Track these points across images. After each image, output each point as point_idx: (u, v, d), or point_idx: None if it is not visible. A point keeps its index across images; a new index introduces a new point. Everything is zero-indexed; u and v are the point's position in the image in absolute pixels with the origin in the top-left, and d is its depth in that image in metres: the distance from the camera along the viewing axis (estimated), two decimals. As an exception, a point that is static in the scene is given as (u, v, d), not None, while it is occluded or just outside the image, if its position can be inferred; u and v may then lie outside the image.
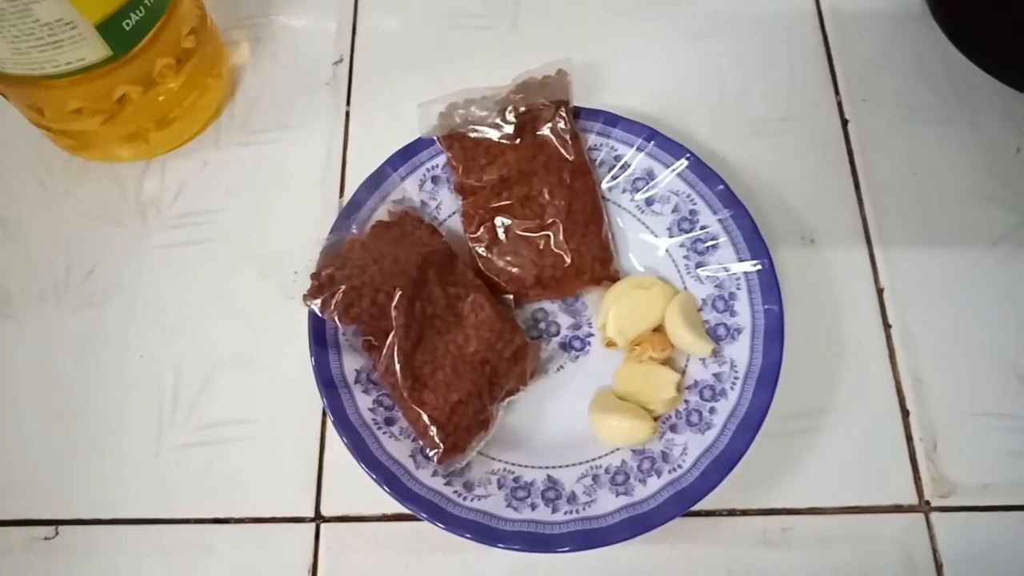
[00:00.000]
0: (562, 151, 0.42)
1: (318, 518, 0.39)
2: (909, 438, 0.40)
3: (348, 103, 0.48)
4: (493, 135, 0.42)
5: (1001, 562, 0.37)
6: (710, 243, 0.41)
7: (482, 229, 0.41)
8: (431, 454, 0.36)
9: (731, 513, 0.38)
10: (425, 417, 0.36)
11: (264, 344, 0.42)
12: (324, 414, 0.40)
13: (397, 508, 0.36)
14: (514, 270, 0.41)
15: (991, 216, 0.44)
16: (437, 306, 0.38)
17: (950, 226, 0.44)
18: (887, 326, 0.42)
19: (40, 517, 0.39)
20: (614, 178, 0.43)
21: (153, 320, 0.43)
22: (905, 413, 0.40)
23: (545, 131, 0.42)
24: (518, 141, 0.42)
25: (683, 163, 0.42)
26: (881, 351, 0.41)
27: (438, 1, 0.51)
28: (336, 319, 0.36)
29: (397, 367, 0.36)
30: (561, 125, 0.42)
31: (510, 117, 0.41)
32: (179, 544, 0.38)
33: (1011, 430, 0.40)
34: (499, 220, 0.41)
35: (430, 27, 0.51)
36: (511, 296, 0.41)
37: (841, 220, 0.44)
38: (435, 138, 0.42)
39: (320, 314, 0.37)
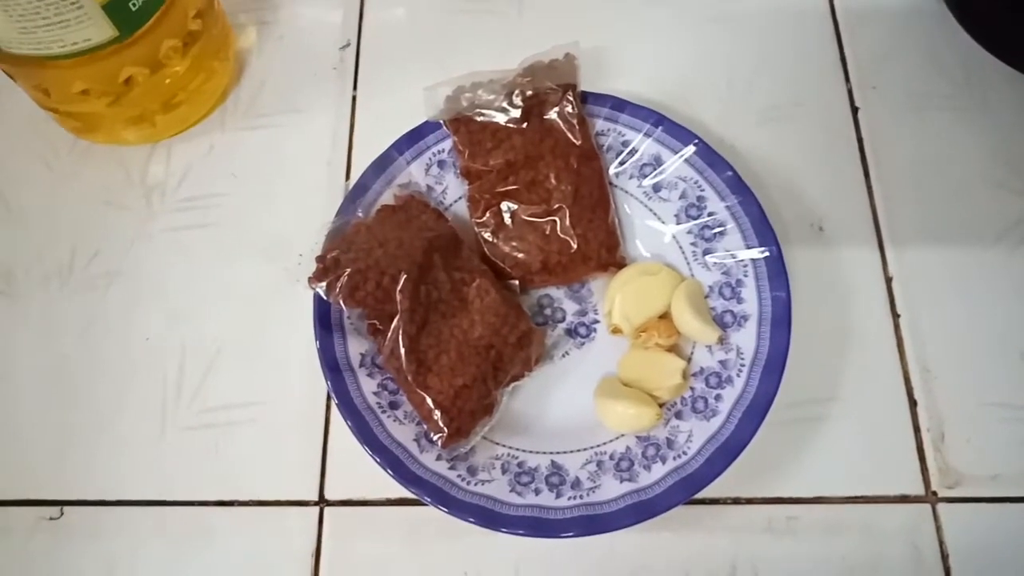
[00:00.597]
0: (569, 136, 0.41)
1: (322, 502, 0.39)
2: (916, 428, 0.39)
3: (355, 87, 0.48)
4: (500, 119, 0.41)
5: (1008, 553, 0.37)
6: (717, 230, 0.41)
7: (488, 214, 0.41)
8: (435, 438, 0.36)
9: (736, 501, 0.38)
10: (429, 401, 0.36)
11: (269, 327, 0.42)
12: (328, 397, 0.40)
13: (401, 492, 0.36)
14: (520, 255, 0.41)
15: (1002, 205, 0.44)
16: (442, 290, 0.38)
17: (960, 215, 0.44)
18: (895, 315, 0.42)
19: (45, 498, 0.39)
20: (621, 163, 0.43)
21: (158, 303, 0.43)
22: (913, 403, 0.40)
23: (552, 115, 0.41)
24: (525, 125, 0.41)
25: (691, 149, 0.42)
26: (889, 340, 0.41)
27: (446, -15, 0.51)
28: (341, 302, 0.36)
29: (402, 351, 0.36)
30: (568, 109, 0.41)
31: (517, 101, 0.41)
32: (183, 526, 0.38)
33: (1020, 420, 0.39)
34: (505, 205, 0.41)
35: (437, 11, 0.51)
36: (517, 281, 0.41)
37: (850, 208, 0.44)
38: (441, 122, 0.42)
39: (325, 297, 0.37)
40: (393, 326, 0.36)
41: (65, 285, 0.44)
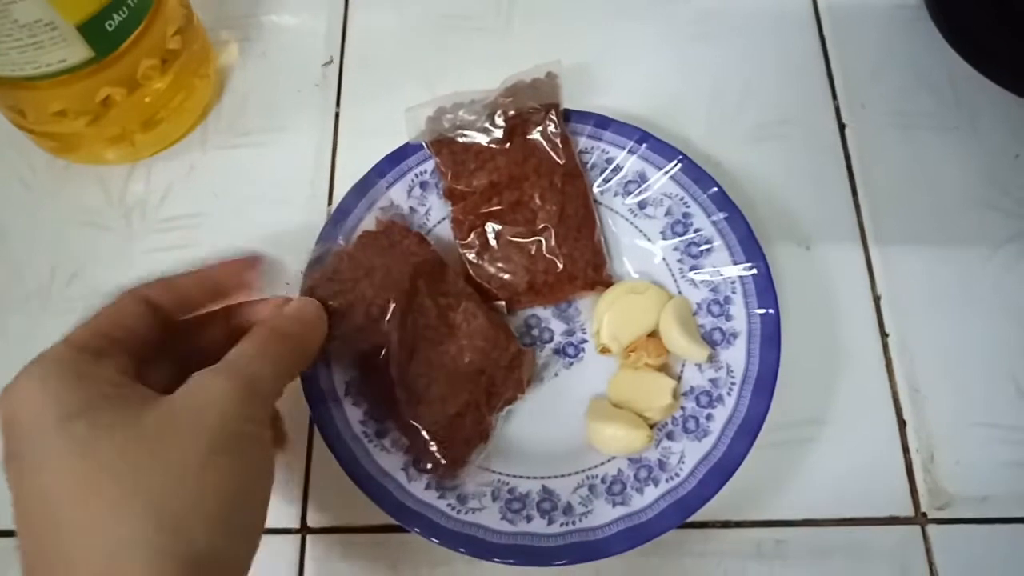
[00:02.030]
0: (552, 155, 0.41)
1: (304, 529, 0.38)
2: (906, 449, 0.39)
3: (338, 105, 0.48)
4: (482, 140, 0.41)
5: (998, 575, 0.37)
6: (704, 246, 0.40)
7: (472, 235, 0.41)
8: (430, 468, 0.35)
9: (725, 525, 0.38)
10: (424, 432, 0.35)
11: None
12: (311, 423, 0.40)
13: (385, 519, 0.35)
14: (506, 276, 0.40)
15: (990, 223, 0.44)
16: (429, 317, 0.37)
17: (949, 234, 0.44)
18: (884, 335, 0.41)
19: (21, 528, 0.38)
20: (606, 181, 0.42)
21: (138, 326, 0.42)
22: (902, 424, 0.40)
23: (535, 135, 0.41)
24: (508, 145, 0.41)
25: (676, 165, 0.41)
26: (878, 360, 0.41)
27: (430, 1, 0.51)
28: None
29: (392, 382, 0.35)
30: (551, 128, 0.41)
31: (499, 121, 0.41)
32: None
33: (1009, 441, 0.39)
34: (490, 226, 0.41)
35: (422, 28, 0.50)
36: (503, 303, 0.40)
37: (838, 227, 0.44)
38: (423, 143, 0.41)
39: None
40: (381, 357, 0.35)
41: (44, 307, 0.43)
